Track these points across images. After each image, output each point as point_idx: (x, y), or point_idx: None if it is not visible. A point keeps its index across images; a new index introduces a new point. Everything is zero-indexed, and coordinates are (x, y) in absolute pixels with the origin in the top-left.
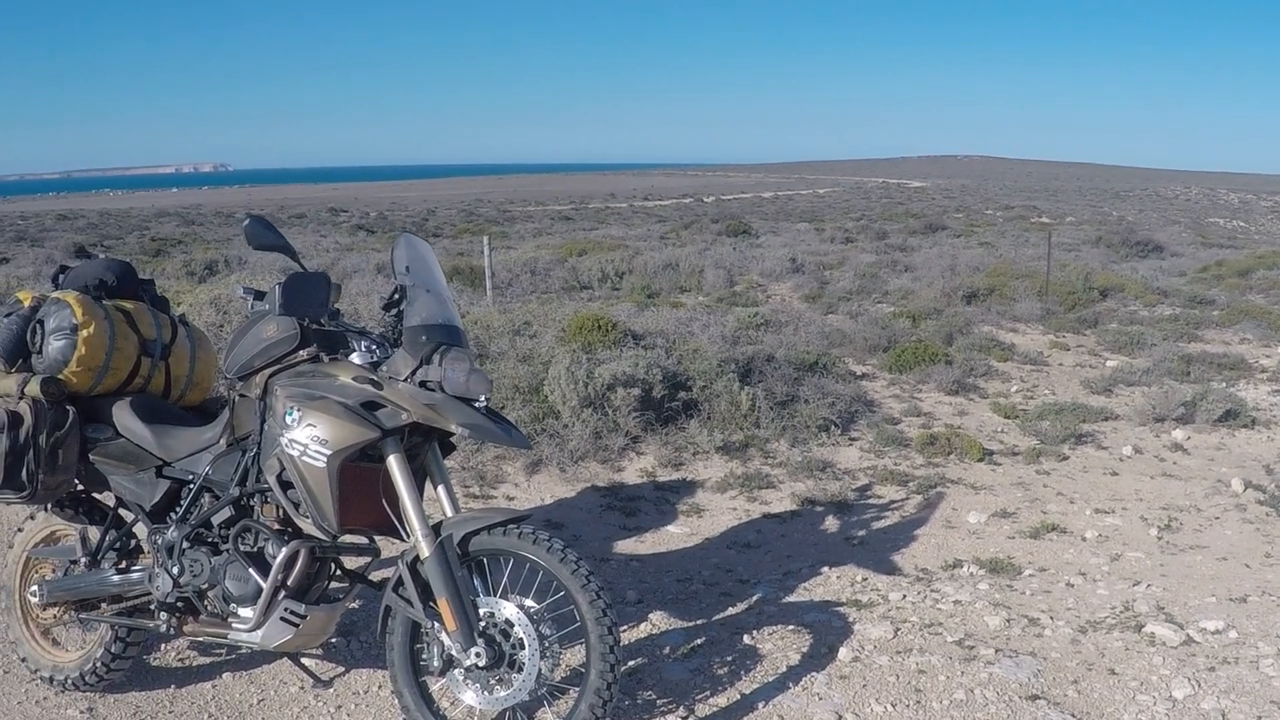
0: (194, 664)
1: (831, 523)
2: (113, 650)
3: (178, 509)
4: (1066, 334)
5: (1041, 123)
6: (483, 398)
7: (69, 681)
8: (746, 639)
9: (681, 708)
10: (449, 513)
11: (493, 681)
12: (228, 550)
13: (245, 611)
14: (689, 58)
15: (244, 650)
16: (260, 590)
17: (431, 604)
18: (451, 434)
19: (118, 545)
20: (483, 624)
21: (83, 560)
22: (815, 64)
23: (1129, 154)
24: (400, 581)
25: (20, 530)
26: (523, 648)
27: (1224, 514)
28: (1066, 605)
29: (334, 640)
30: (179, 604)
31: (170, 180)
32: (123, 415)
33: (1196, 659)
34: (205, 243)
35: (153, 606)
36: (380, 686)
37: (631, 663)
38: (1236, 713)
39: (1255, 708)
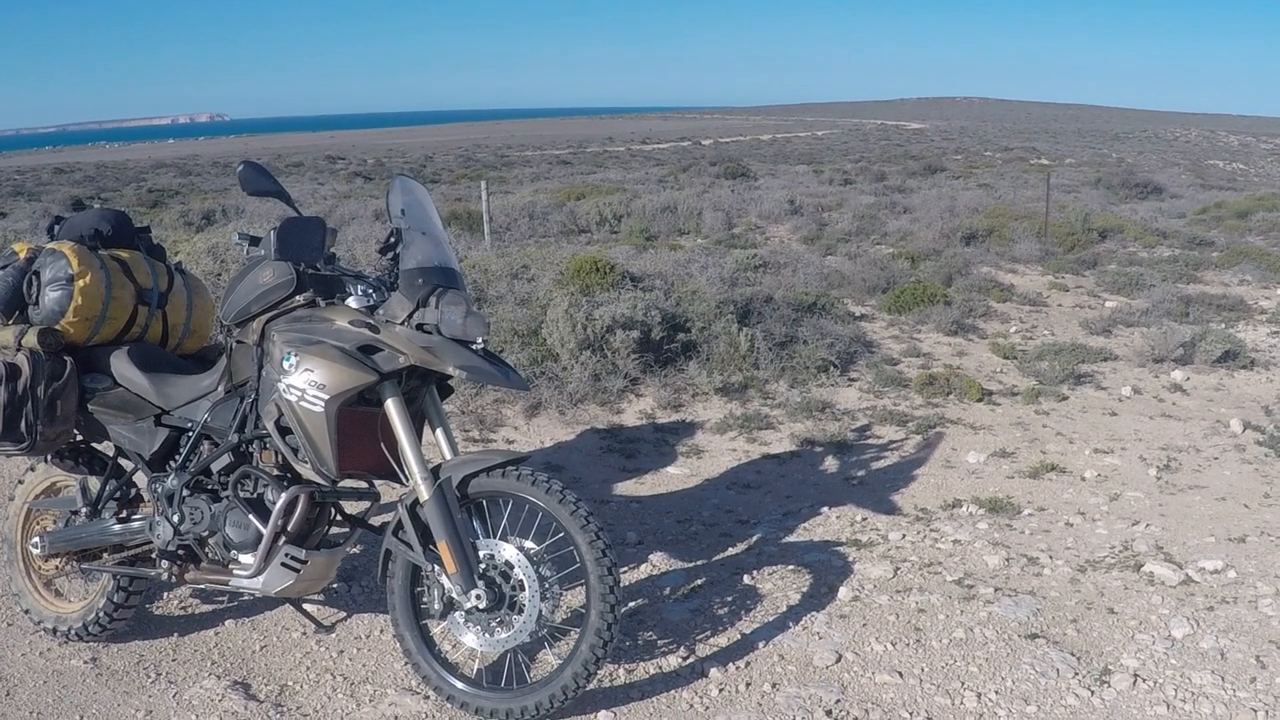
0: (196, 611)
1: (831, 463)
2: (115, 600)
3: (177, 457)
4: (1065, 275)
5: (1040, 64)
6: (480, 340)
7: (72, 632)
8: (746, 579)
9: (682, 648)
10: (448, 456)
11: (493, 624)
12: (227, 497)
13: (246, 558)
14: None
15: (245, 597)
16: (260, 536)
17: (431, 547)
18: (449, 377)
19: (118, 495)
20: (483, 566)
21: (83, 511)
22: (813, 5)
23: (1128, 96)
24: (400, 525)
25: (20, 482)
26: (523, 589)
27: (1223, 454)
28: (1065, 545)
29: (335, 585)
30: (180, 552)
31: (167, 131)
32: (120, 364)
33: (1195, 598)
34: (202, 193)
35: (154, 555)
36: (382, 631)
37: (632, 603)
38: (1235, 651)
39: (1254, 647)
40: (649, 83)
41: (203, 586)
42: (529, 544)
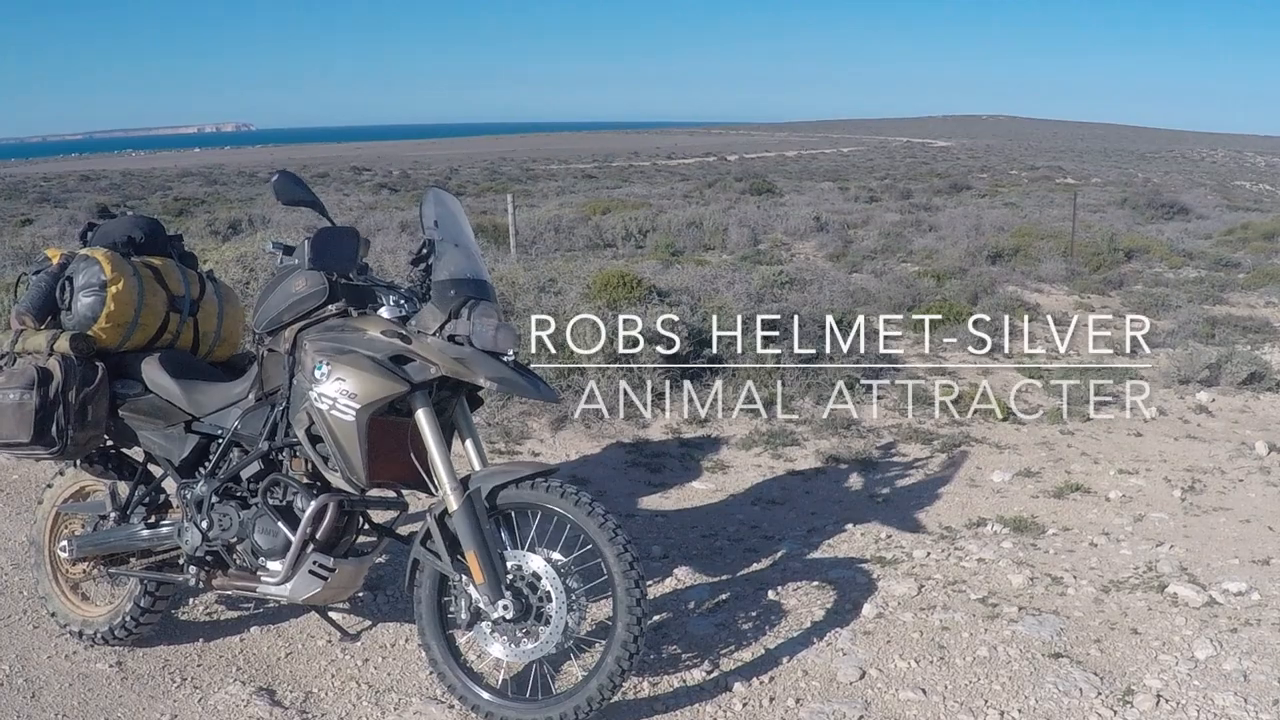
0: (222, 618)
1: (856, 480)
2: (141, 604)
3: (206, 464)
4: (1091, 295)
5: (1067, 83)
6: (510, 352)
7: (98, 636)
8: (771, 595)
9: (706, 662)
10: (476, 467)
11: (520, 634)
12: (256, 504)
13: (274, 565)
14: (712, 14)
15: (272, 604)
16: (289, 544)
17: (459, 557)
18: (479, 388)
19: (147, 500)
20: (510, 577)
21: (112, 515)
22: (841, 21)
23: (1155, 116)
24: (428, 535)
25: (50, 486)
26: (549, 601)
27: (1248, 477)
28: (1090, 565)
29: (361, 594)
30: (208, 558)
31: (193, 140)
32: (151, 371)
33: (1219, 620)
34: (229, 202)
35: (181, 561)
36: (407, 640)
37: (657, 617)
38: (1258, 674)
39: (1276, 669)
40: (674, 98)
41: (229, 593)
42: (556, 556)
